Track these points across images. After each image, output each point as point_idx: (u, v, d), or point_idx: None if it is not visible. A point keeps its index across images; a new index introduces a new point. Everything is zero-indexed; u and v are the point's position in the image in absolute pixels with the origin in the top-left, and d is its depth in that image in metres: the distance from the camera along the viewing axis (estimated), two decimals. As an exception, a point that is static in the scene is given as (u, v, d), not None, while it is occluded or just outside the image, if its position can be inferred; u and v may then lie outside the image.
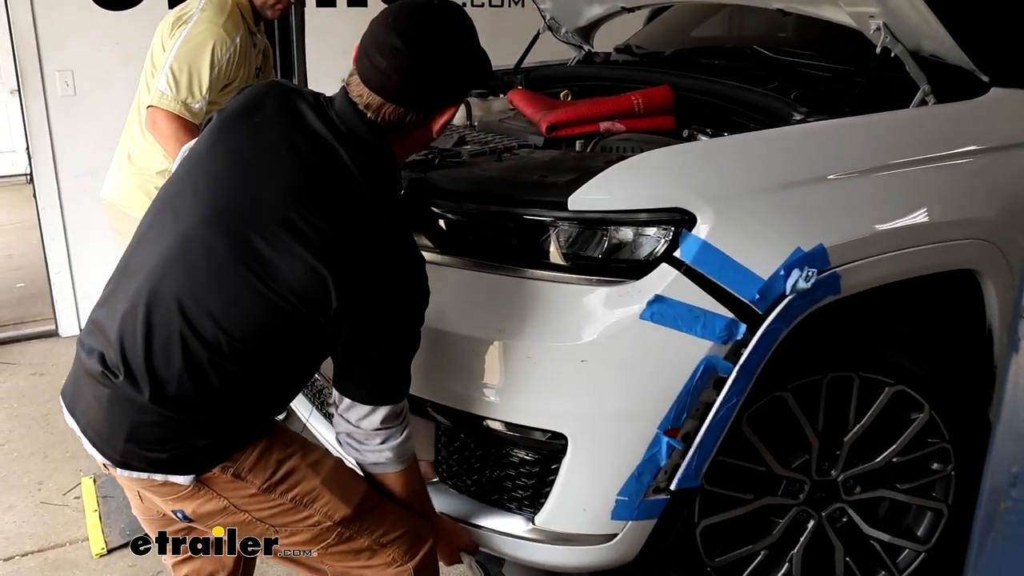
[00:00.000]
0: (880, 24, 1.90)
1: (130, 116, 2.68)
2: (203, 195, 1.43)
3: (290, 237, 1.36)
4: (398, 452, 1.53)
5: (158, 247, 1.43)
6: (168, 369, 1.37)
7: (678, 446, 1.59)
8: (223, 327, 1.37)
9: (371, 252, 1.39)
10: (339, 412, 1.51)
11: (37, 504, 2.82)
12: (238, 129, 1.49)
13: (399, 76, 1.42)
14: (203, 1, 2.52)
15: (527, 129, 2.23)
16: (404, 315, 1.45)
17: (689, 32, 3.28)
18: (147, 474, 1.42)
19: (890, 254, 1.71)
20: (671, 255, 1.57)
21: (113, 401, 1.40)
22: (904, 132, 1.87)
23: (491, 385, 1.62)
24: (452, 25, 1.46)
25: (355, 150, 1.44)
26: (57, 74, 3.87)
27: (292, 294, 1.36)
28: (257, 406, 1.47)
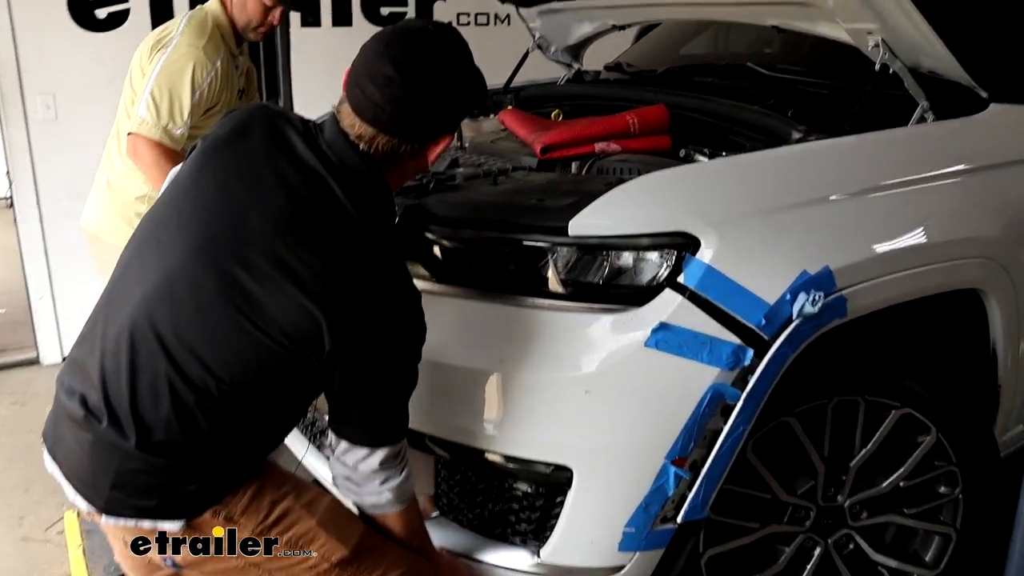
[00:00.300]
0: (879, 41, 1.88)
1: (109, 141, 2.62)
2: (188, 228, 1.36)
3: (280, 274, 1.30)
4: (398, 493, 1.47)
5: (141, 283, 1.37)
6: (154, 413, 1.32)
7: (685, 476, 1.55)
8: (210, 369, 1.31)
9: (366, 290, 1.34)
10: (336, 456, 1.45)
11: (18, 540, 2.74)
12: (224, 157, 1.42)
13: (393, 107, 1.35)
14: (183, 24, 2.47)
15: (520, 150, 2.19)
16: (401, 353, 1.39)
17: (678, 50, 3.26)
18: (135, 521, 1.36)
19: (895, 275, 1.68)
20: (675, 280, 1.53)
21: (97, 447, 1.34)
22: (905, 150, 1.85)
23: (492, 418, 1.58)
24: (448, 51, 1.40)
25: (347, 182, 1.38)
26: (39, 97, 3.79)
27: (282, 334, 1.30)
28: (248, 448, 1.41)
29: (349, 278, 1.32)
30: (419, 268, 1.70)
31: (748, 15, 2.28)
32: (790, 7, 2.05)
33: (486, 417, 1.58)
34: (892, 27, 1.84)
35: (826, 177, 1.71)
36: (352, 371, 1.35)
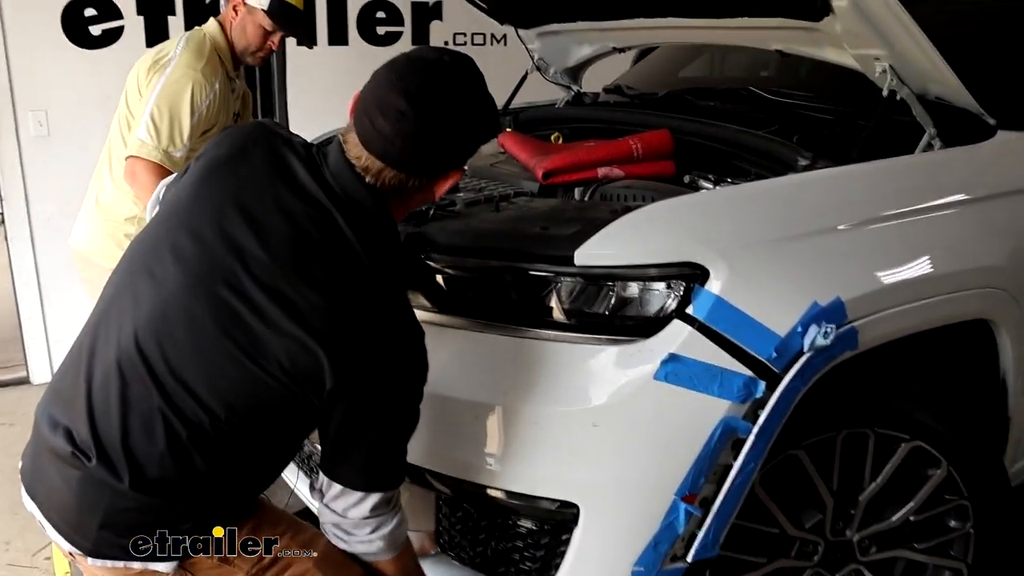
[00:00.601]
0: (886, 67, 1.86)
1: (100, 161, 2.59)
2: (183, 258, 1.30)
3: (279, 309, 1.24)
4: (390, 540, 1.40)
5: (132, 314, 1.30)
6: (148, 450, 1.26)
7: (696, 513, 1.50)
8: (205, 404, 1.25)
9: (369, 328, 1.28)
10: (324, 502, 1.38)
11: (4, 566, 2.68)
12: (222, 181, 1.35)
13: (403, 142, 1.28)
14: (181, 45, 2.45)
15: (520, 174, 2.16)
16: (403, 393, 1.33)
17: (676, 73, 3.25)
18: (123, 562, 1.30)
19: (906, 306, 1.65)
20: (683, 311, 1.50)
21: (85, 484, 1.28)
22: (914, 177, 1.83)
23: (495, 453, 1.53)
24: (462, 87, 1.33)
25: (352, 214, 1.31)
26: (31, 114, 3.75)
27: (281, 370, 1.24)
28: (243, 484, 1.36)
29: (352, 315, 1.27)
30: (420, 298, 1.66)
31: (752, 39, 2.26)
32: (795, 31, 2.02)
33: (488, 451, 1.53)
34: (900, 53, 1.82)
35: (836, 206, 1.68)
36: (352, 411, 1.30)
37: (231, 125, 2.52)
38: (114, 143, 2.50)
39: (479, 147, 1.44)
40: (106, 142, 2.57)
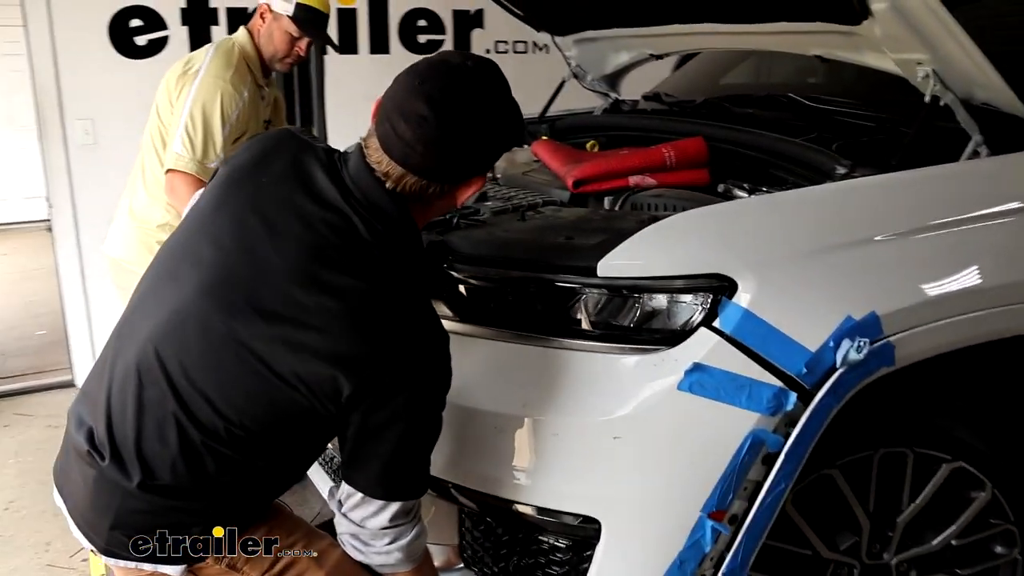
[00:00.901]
0: (929, 71, 1.78)
1: (134, 170, 2.63)
2: (204, 265, 1.30)
3: (296, 316, 1.23)
4: (408, 552, 1.38)
5: (154, 317, 1.31)
6: (160, 453, 1.26)
7: (724, 531, 1.45)
8: (219, 410, 1.25)
9: (387, 335, 1.26)
10: (343, 511, 1.36)
11: (43, 566, 2.72)
12: (244, 189, 1.35)
13: (424, 148, 1.26)
14: (209, 55, 2.47)
15: (552, 183, 2.13)
16: (423, 401, 1.30)
17: (718, 79, 3.19)
18: (134, 563, 1.31)
19: (948, 320, 1.57)
20: (710, 324, 1.45)
21: (99, 484, 1.30)
22: (958, 186, 1.75)
23: (515, 465, 1.50)
24: (486, 91, 1.31)
25: (372, 219, 1.29)
26: (78, 122, 3.83)
27: (297, 378, 1.23)
28: (255, 492, 1.36)
29: (369, 320, 1.25)
30: (442, 307, 1.63)
31: (791, 45, 2.20)
32: (834, 36, 1.96)
33: (509, 464, 1.50)
34: (943, 57, 1.75)
35: (872, 216, 1.62)
36: (370, 419, 1.27)
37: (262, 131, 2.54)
38: (146, 153, 2.53)
39: (501, 154, 1.42)
40: (139, 151, 2.60)
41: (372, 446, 1.30)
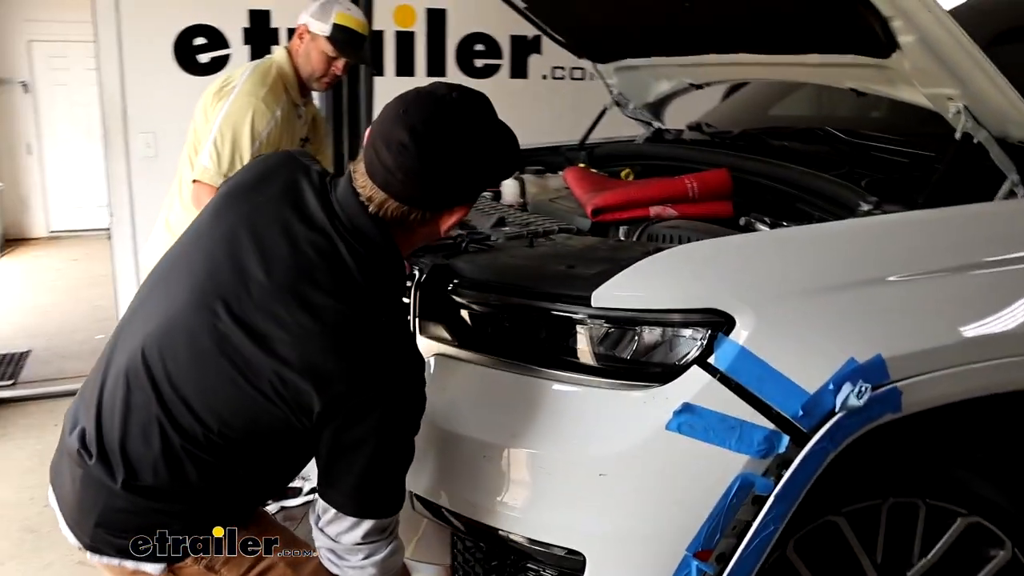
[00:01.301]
0: (960, 107, 1.72)
1: (172, 184, 2.70)
2: (194, 275, 1.35)
3: (273, 331, 1.27)
4: (382, 568, 1.39)
5: (145, 323, 1.37)
6: (143, 455, 1.31)
7: (709, 571, 1.41)
8: (200, 417, 1.29)
9: (362, 354, 1.27)
10: (319, 526, 1.38)
11: (75, 563, 2.78)
12: (240, 206, 1.40)
13: (404, 175, 1.29)
14: (246, 73, 2.53)
15: (576, 211, 2.12)
16: (395, 422, 1.31)
17: (767, 110, 3.13)
18: (118, 560, 1.35)
19: (965, 367, 1.51)
20: (705, 361, 1.41)
21: (85, 483, 1.35)
22: (986, 227, 1.69)
23: (502, 495, 1.48)
24: (468, 124, 1.32)
25: (354, 243, 1.32)
26: (140, 135, 3.99)
27: (272, 391, 1.27)
28: (236, 499, 1.38)
29: (344, 339, 1.27)
30: (441, 331, 1.64)
31: (825, 77, 2.15)
32: (867, 69, 1.91)
33: (496, 493, 1.49)
34: (974, 93, 1.69)
35: (888, 255, 1.56)
36: (340, 436, 1.29)
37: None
38: (183, 167, 2.61)
39: (487, 185, 1.44)
40: (177, 168, 2.68)
41: (343, 464, 1.32)
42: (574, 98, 4.65)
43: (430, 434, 1.54)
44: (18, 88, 7.45)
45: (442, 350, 1.63)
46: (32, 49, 7.46)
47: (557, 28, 2.73)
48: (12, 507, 3.14)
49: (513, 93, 4.75)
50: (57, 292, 6.00)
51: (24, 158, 7.60)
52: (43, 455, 3.46)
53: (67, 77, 7.46)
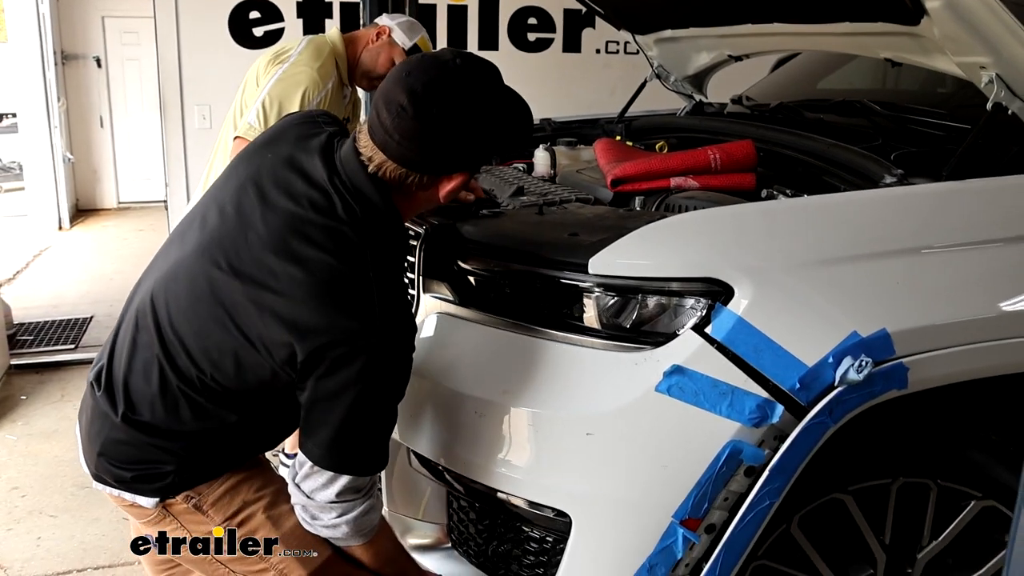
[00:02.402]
0: (992, 76, 1.65)
1: (214, 150, 2.77)
2: (206, 226, 1.41)
3: (265, 281, 1.31)
4: (356, 526, 1.41)
5: (159, 269, 1.44)
6: (144, 392, 1.38)
7: (695, 540, 1.40)
8: (195, 361, 1.35)
9: (345, 309, 1.29)
10: (296, 481, 1.40)
11: (119, 519, 2.90)
12: (252, 162, 1.45)
13: (400, 137, 1.31)
14: (302, 45, 2.59)
15: (601, 181, 2.10)
16: (372, 380, 1.31)
17: (815, 83, 3.04)
18: (117, 491, 1.43)
19: (978, 345, 1.46)
20: (702, 331, 1.39)
21: (94, 413, 1.44)
22: (1011, 202, 1.61)
23: (493, 452, 1.49)
24: (469, 90, 1.33)
25: (351, 201, 1.35)
26: (196, 107, 4.09)
27: (260, 340, 1.31)
28: (230, 444, 1.44)
29: (329, 293, 1.30)
30: (444, 290, 1.65)
31: (859, 47, 2.09)
32: (900, 38, 1.84)
33: (488, 450, 1.50)
34: (1008, 60, 1.61)
35: (897, 227, 1.52)
36: (320, 388, 1.31)
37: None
38: (227, 131, 2.67)
39: (490, 154, 1.45)
40: (220, 134, 2.74)
41: (320, 413, 1.34)
42: (627, 73, 4.59)
43: (429, 390, 1.57)
44: (91, 63, 7.70)
45: (444, 308, 1.64)
46: (105, 24, 7.69)
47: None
48: (68, 464, 3.29)
49: (566, 67, 4.73)
50: (121, 261, 6.21)
51: (97, 131, 7.86)
52: (97, 414, 3.62)
53: (138, 52, 7.67)
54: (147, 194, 7.91)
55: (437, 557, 1.66)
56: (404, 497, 1.71)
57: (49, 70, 6.94)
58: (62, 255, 6.54)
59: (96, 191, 8.01)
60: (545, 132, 2.68)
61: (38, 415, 3.68)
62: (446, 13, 4.52)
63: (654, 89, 2.95)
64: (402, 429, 1.62)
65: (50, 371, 4.13)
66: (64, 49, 7.55)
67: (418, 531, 1.72)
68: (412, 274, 1.69)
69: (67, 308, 5.00)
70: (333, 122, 1.52)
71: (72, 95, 7.67)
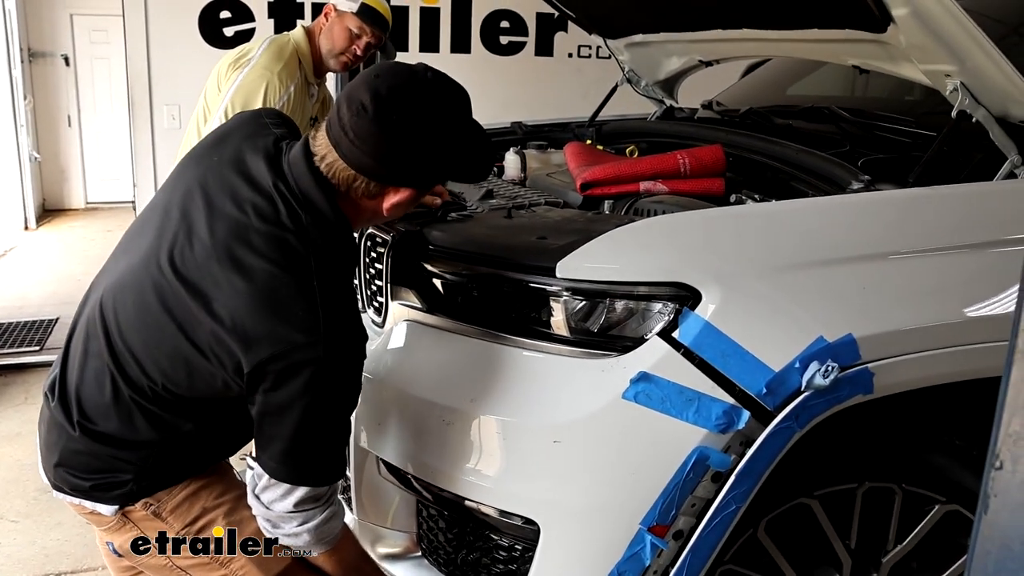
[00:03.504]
0: (957, 84, 1.67)
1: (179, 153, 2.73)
2: (152, 231, 1.38)
3: (210, 291, 1.28)
4: (317, 535, 1.38)
5: (108, 276, 1.42)
6: (96, 402, 1.36)
7: (663, 546, 1.40)
8: (145, 370, 1.33)
9: (289, 319, 1.25)
10: (255, 492, 1.37)
11: (82, 524, 2.83)
12: (197, 166, 1.42)
13: (355, 136, 1.28)
14: (263, 46, 2.56)
15: (571, 185, 2.09)
16: (320, 392, 1.28)
17: (785, 89, 3.07)
18: (77, 500, 1.41)
19: (945, 351, 1.47)
20: (668, 336, 1.39)
21: (50, 424, 1.42)
22: (977, 208, 1.63)
23: (460, 460, 1.48)
24: (433, 105, 1.30)
25: (297, 208, 1.31)
26: (165, 107, 4.04)
27: (210, 350, 1.28)
28: (187, 453, 1.42)
29: (270, 302, 1.26)
30: (412, 297, 1.63)
31: (827, 54, 2.10)
32: (867, 45, 1.85)
33: (455, 458, 1.49)
34: (971, 70, 1.63)
35: (864, 233, 1.52)
36: (270, 398, 1.28)
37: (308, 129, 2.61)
38: (191, 136, 2.64)
39: (441, 176, 1.41)
40: (184, 137, 2.71)
41: (271, 427, 1.31)
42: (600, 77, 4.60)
43: (396, 399, 1.56)
44: (59, 61, 7.59)
45: (413, 316, 1.63)
46: (74, 22, 7.59)
47: (567, 3, 2.70)
48: (30, 468, 3.23)
49: (538, 71, 4.73)
50: (88, 262, 6.11)
51: (65, 130, 7.75)
52: (61, 418, 3.55)
53: (107, 51, 7.57)
54: (116, 194, 7.81)
55: (407, 566, 1.64)
56: (373, 506, 1.69)
57: (15, 68, 6.83)
58: (28, 256, 6.44)
59: (64, 191, 7.89)
60: (516, 135, 2.68)
61: (1, 418, 3.61)
62: (418, 15, 4.50)
63: (625, 94, 2.96)
64: (370, 437, 1.60)
65: (13, 373, 4.05)
66: (31, 47, 7.44)
67: (388, 540, 1.70)
68: (380, 281, 1.67)
69: (32, 309, 4.91)
70: (282, 123, 1.49)
71: (39, 93, 7.56)
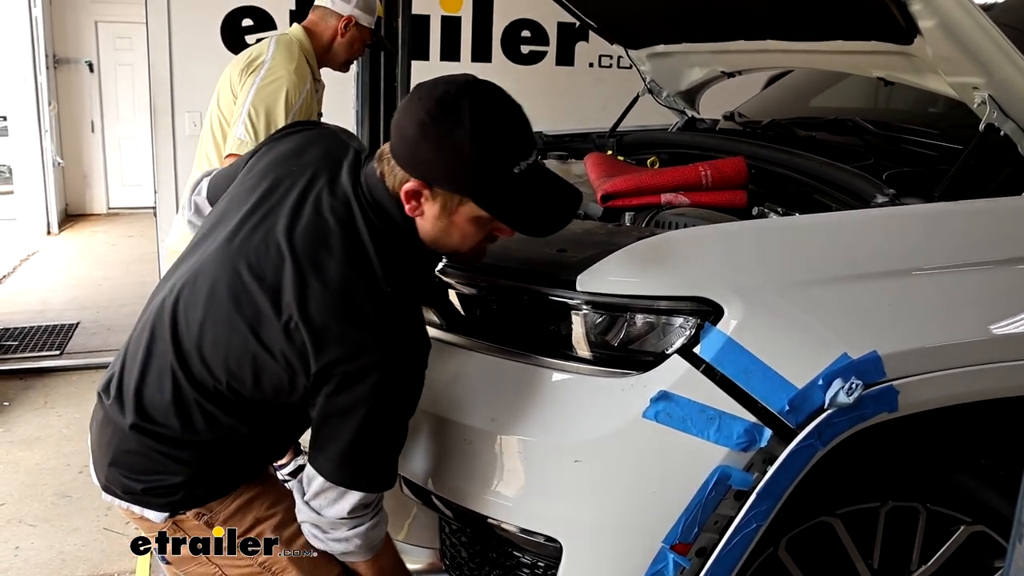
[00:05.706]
0: (985, 97, 1.64)
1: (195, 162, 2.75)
2: (227, 233, 1.39)
3: (284, 292, 1.29)
4: (366, 540, 1.40)
5: (178, 274, 1.42)
6: (157, 401, 1.36)
7: (686, 565, 1.38)
8: (211, 369, 1.33)
9: (361, 323, 1.27)
10: (305, 499, 1.38)
11: (100, 529, 2.87)
12: (279, 170, 1.44)
13: (404, 131, 1.29)
14: (272, 48, 2.58)
15: (592, 197, 2.08)
16: (384, 397, 1.30)
17: (808, 100, 3.04)
18: (127, 504, 1.40)
19: (973, 368, 1.44)
20: (690, 351, 1.38)
21: (104, 423, 1.41)
22: (1005, 223, 1.60)
23: (482, 479, 1.47)
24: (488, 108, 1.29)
25: (371, 215, 1.35)
26: (187, 114, 4.06)
27: (279, 350, 1.29)
28: (242, 456, 1.42)
29: (343, 304, 1.28)
30: (431, 315, 1.63)
31: (852, 65, 2.08)
32: (893, 57, 1.83)
33: (477, 478, 1.47)
34: (1000, 82, 1.60)
35: (890, 249, 1.50)
36: (332, 402, 1.30)
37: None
38: (206, 143, 2.65)
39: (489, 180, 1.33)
40: (199, 144, 2.72)
41: (332, 428, 1.33)
42: (620, 87, 4.59)
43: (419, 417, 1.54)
44: (84, 67, 7.67)
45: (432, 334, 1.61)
46: (99, 29, 7.67)
47: (589, 12, 2.69)
48: (49, 472, 3.25)
49: (558, 80, 4.72)
50: (109, 267, 6.18)
51: (88, 136, 7.83)
52: (81, 423, 3.57)
53: (131, 57, 7.66)
54: (137, 200, 7.89)
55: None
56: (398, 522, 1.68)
57: (41, 74, 6.92)
58: (50, 260, 6.51)
59: (86, 196, 7.97)
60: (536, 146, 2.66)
61: (20, 422, 3.64)
62: (440, 24, 4.51)
63: (646, 104, 2.95)
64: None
65: (34, 377, 4.09)
66: (56, 53, 7.52)
67: (412, 556, 1.69)
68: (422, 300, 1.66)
69: (53, 314, 4.96)
70: (356, 141, 1.52)
71: (63, 99, 7.64)
